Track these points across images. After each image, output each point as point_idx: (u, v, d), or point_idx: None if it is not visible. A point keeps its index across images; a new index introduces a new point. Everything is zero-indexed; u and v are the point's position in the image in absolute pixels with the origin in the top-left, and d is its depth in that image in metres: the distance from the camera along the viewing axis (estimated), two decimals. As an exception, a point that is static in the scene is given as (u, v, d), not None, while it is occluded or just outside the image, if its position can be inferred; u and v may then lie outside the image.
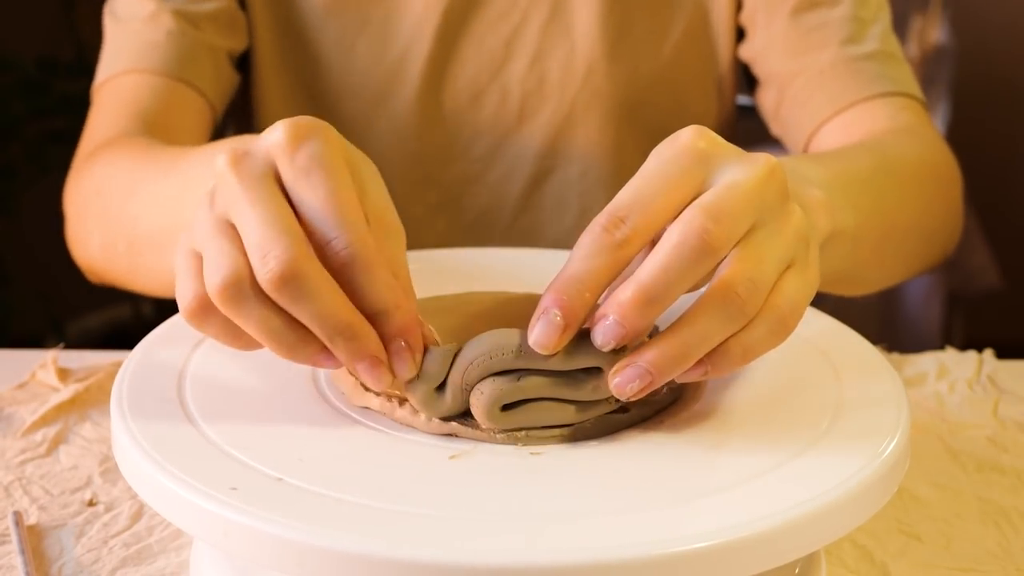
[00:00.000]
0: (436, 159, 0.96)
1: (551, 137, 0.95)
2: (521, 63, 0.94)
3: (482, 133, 0.95)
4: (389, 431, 0.53)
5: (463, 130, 0.95)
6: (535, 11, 0.94)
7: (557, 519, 0.47)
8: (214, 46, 0.92)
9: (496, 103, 0.94)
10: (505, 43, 0.94)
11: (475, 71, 0.94)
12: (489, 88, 0.94)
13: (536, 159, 0.95)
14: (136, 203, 0.76)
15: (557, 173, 0.96)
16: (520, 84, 0.94)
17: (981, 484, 0.68)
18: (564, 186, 0.96)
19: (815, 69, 0.91)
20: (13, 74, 2.06)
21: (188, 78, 0.90)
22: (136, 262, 0.78)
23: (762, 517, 0.46)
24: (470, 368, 0.52)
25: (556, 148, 0.95)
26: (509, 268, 0.75)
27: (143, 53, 0.90)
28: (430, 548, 0.44)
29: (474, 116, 0.95)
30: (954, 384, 0.79)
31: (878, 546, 0.62)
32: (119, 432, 0.52)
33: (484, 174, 0.96)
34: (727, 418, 0.55)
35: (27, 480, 0.67)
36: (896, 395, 0.57)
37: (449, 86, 0.94)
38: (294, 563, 0.45)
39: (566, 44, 0.94)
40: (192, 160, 0.71)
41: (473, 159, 0.96)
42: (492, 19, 0.94)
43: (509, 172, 0.96)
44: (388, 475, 0.50)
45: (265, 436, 0.52)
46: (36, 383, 0.78)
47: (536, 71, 0.94)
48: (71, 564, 0.60)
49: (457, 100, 0.94)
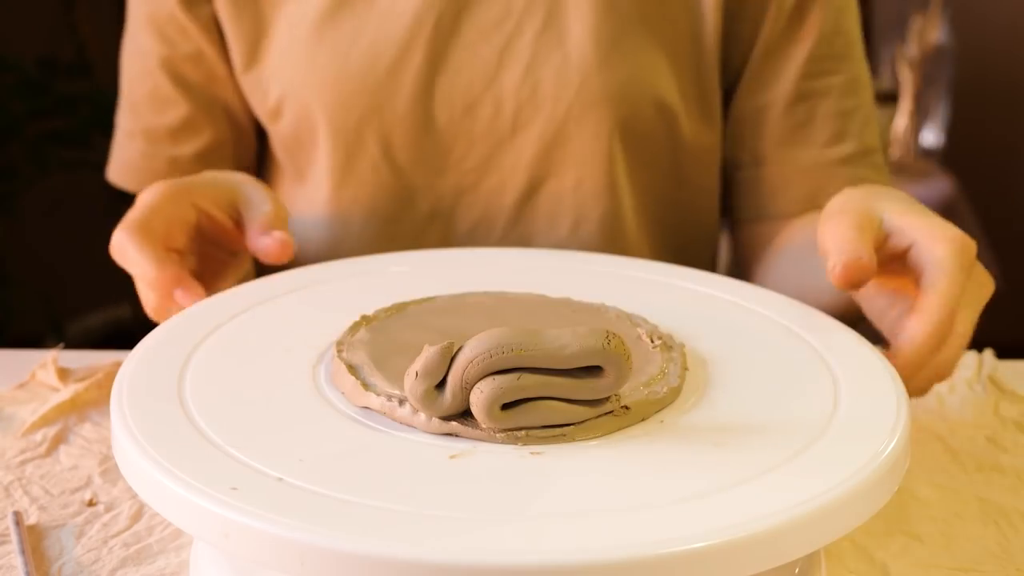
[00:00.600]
0: (429, 169, 0.96)
1: (545, 147, 0.95)
2: (515, 72, 0.94)
3: (475, 143, 0.95)
4: (389, 431, 0.53)
5: (456, 140, 0.95)
6: (528, 20, 0.94)
7: (557, 519, 0.47)
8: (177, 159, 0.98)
9: (489, 113, 0.94)
10: (498, 52, 0.94)
11: (468, 80, 0.94)
12: (482, 98, 0.94)
13: (530, 169, 0.95)
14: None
15: (551, 183, 0.95)
16: (514, 94, 0.94)
17: (981, 484, 0.68)
18: (558, 196, 0.96)
19: (795, 166, 0.96)
20: (13, 74, 2.07)
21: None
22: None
23: (762, 517, 0.46)
24: (470, 367, 0.52)
25: (550, 158, 0.95)
26: (504, 269, 0.75)
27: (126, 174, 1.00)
28: (430, 548, 0.44)
29: (467, 126, 0.94)
30: (954, 384, 0.79)
31: (878, 546, 0.62)
32: (119, 432, 0.52)
33: (477, 184, 0.96)
34: (727, 418, 0.55)
35: (27, 480, 0.67)
36: (896, 395, 0.57)
37: (442, 95, 0.94)
38: (294, 563, 0.45)
39: (560, 53, 0.93)
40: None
41: (466, 169, 0.96)
42: (485, 28, 0.94)
43: (502, 182, 0.96)
44: (388, 475, 0.50)
45: (265, 436, 0.52)
46: (36, 383, 0.78)
47: (530, 81, 0.94)
48: (71, 564, 0.60)
49: (450, 110, 0.94)
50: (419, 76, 0.93)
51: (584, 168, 0.95)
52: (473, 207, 0.97)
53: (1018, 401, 0.77)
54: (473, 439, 0.53)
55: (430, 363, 0.52)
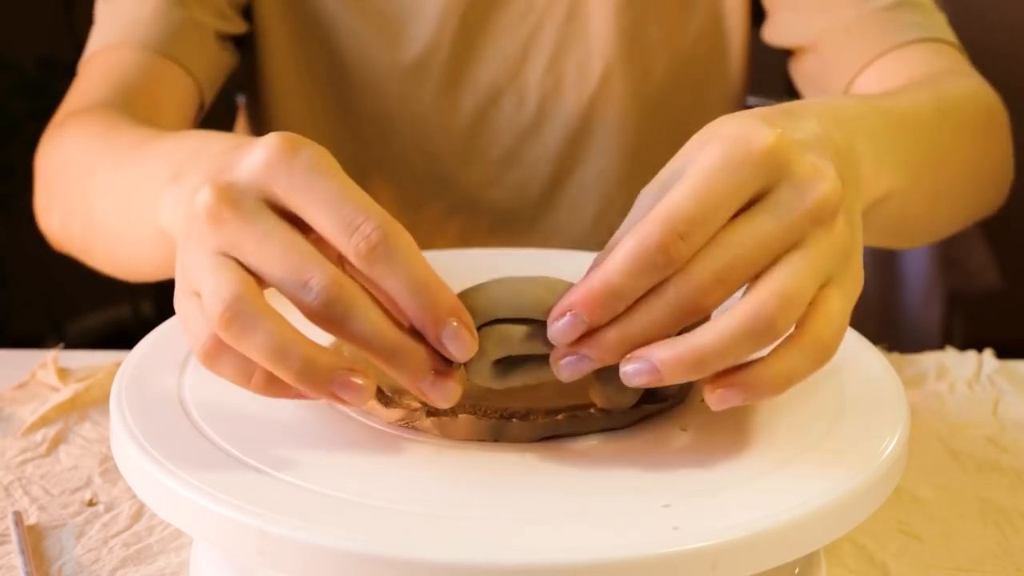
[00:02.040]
0: (454, 160, 0.96)
1: (569, 138, 0.95)
2: (539, 65, 0.94)
3: (500, 134, 0.95)
4: (390, 430, 0.53)
5: (482, 132, 0.95)
6: (551, 13, 0.94)
7: (555, 519, 0.47)
8: (201, 23, 0.91)
9: (514, 105, 0.95)
10: (522, 45, 0.94)
11: (494, 73, 0.94)
12: (507, 90, 0.95)
13: (554, 160, 0.95)
14: (93, 188, 0.77)
15: (575, 174, 0.96)
16: (538, 85, 0.95)
17: (981, 484, 0.68)
18: (582, 187, 0.96)
19: (841, 26, 0.90)
20: (13, 74, 2.06)
21: (174, 55, 0.89)
22: (90, 244, 0.80)
23: (762, 517, 0.46)
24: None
25: (574, 149, 0.95)
26: (526, 269, 0.75)
27: (129, 28, 0.89)
28: (431, 547, 0.44)
29: (493, 117, 0.95)
30: (954, 384, 0.79)
31: (878, 546, 0.62)
32: (119, 432, 0.52)
33: (502, 176, 0.96)
34: (726, 419, 0.55)
35: (27, 480, 0.67)
36: (896, 395, 0.57)
37: (468, 87, 0.94)
38: (294, 562, 0.45)
39: (582, 45, 0.94)
40: (148, 153, 0.69)
41: (491, 161, 0.96)
42: (510, 21, 0.94)
43: (527, 174, 0.96)
44: (388, 474, 0.50)
45: (265, 436, 0.52)
46: (36, 383, 0.78)
47: (553, 72, 0.94)
48: (71, 564, 0.60)
49: (476, 101, 0.94)
50: (445, 68, 0.94)
51: (608, 158, 0.95)
52: (498, 198, 0.97)
53: (1018, 401, 0.77)
54: (469, 440, 0.53)
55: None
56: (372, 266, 0.46)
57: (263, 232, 0.47)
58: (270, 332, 0.46)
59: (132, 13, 0.90)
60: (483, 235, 0.97)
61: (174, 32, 0.89)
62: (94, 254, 0.81)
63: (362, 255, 0.46)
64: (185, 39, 0.90)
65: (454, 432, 0.52)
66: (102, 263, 0.81)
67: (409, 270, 0.47)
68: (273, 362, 0.46)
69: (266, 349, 0.46)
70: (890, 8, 0.90)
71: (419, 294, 0.47)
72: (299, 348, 0.46)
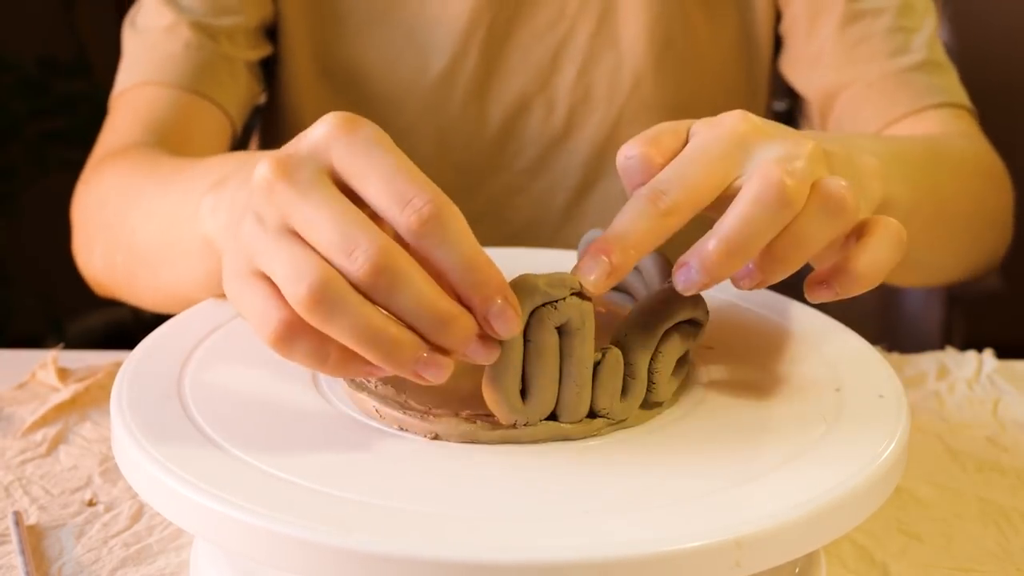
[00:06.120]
0: (481, 169, 0.95)
1: (597, 148, 0.94)
2: (568, 74, 0.94)
3: (528, 144, 0.95)
4: (390, 430, 0.53)
5: (509, 141, 0.94)
6: (582, 21, 0.93)
7: (555, 517, 0.47)
8: (232, 57, 0.91)
9: (543, 114, 0.94)
10: (552, 54, 0.93)
11: (522, 82, 0.94)
12: (536, 99, 0.94)
13: (581, 170, 0.95)
14: (134, 216, 0.76)
15: (602, 184, 0.95)
16: (567, 95, 0.94)
17: (981, 484, 0.68)
18: (608, 197, 0.95)
19: (863, 82, 0.91)
20: (13, 74, 2.06)
21: (205, 91, 0.89)
22: (133, 276, 0.78)
23: (761, 517, 0.46)
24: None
25: (601, 159, 0.94)
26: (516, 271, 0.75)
27: (160, 65, 0.89)
28: (431, 546, 0.44)
29: (521, 127, 0.94)
30: (954, 384, 0.79)
31: (878, 546, 0.62)
32: (119, 432, 0.52)
33: (529, 185, 0.96)
34: (726, 418, 0.55)
35: (27, 480, 0.67)
36: (896, 395, 0.57)
37: (496, 97, 0.94)
38: (294, 562, 0.45)
39: (613, 54, 0.93)
40: (191, 173, 0.70)
41: (518, 170, 0.95)
42: (539, 29, 0.93)
43: (554, 183, 0.96)
44: (388, 473, 0.50)
45: (265, 435, 0.52)
46: (36, 383, 0.78)
47: (583, 82, 0.93)
48: (71, 564, 0.60)
49: (504, 111, 0.94)
50: (473, 77, 0.93)
51: None
52: (524, 207, 0.97)
53: (1018, 401, 0.77)
54: (465, 440, 0.53)
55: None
56: (423, 239, 0.47)
57: (319, 201, 0.47)
58: (360, 314, 0.46)
59: (164, 49, 0.90)
60: (507, 244, 0.97)
61: (205, 68, 0.90)
62: (137, 284, 0.78)
63: (413, 228, 0.47)
64: (216, 74, 0.90)
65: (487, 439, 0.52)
66: (144, 292, 0.78)
67: (460, 246, 0.47)
68: (363, 343, 0.46)
69: (355, 329, 0.46)
70: (913, 69, 0.90)
71: (469, 270, 0.47)
72: (388, 329, 0.46)
